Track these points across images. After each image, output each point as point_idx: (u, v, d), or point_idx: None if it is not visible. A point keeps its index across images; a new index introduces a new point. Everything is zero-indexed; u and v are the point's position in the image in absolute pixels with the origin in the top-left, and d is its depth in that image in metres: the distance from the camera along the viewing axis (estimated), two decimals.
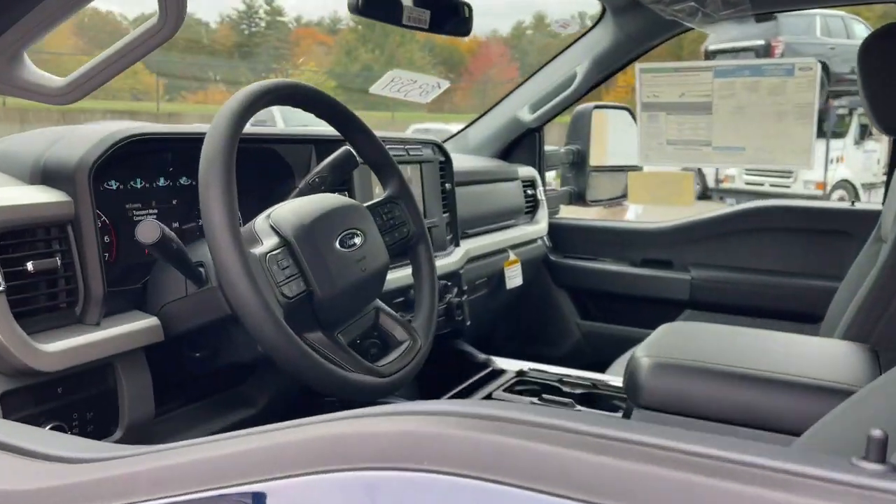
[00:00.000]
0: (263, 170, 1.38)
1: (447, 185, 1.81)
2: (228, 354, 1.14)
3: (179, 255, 0.99)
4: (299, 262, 1.01)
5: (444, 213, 1.79)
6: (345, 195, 1.46)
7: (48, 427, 0.94)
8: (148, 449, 0.57)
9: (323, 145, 1.41)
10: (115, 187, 1.16)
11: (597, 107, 2.59)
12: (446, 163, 1.82)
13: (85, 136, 1.04)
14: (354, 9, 1.44)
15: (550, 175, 2.81)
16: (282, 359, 0.94)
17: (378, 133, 1.30)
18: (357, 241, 1.11)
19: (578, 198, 2.74)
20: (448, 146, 2.50)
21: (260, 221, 1.05)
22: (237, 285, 0.90)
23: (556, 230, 2.47)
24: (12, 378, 0.90)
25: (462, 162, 2.15)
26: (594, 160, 2.64)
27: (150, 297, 1.10)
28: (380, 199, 1.25)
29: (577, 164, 2.67)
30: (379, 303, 1.20)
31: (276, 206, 1.09)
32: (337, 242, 1.08)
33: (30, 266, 0.92)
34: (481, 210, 2.07)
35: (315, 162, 1.40)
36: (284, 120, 8.56)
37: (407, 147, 1.68)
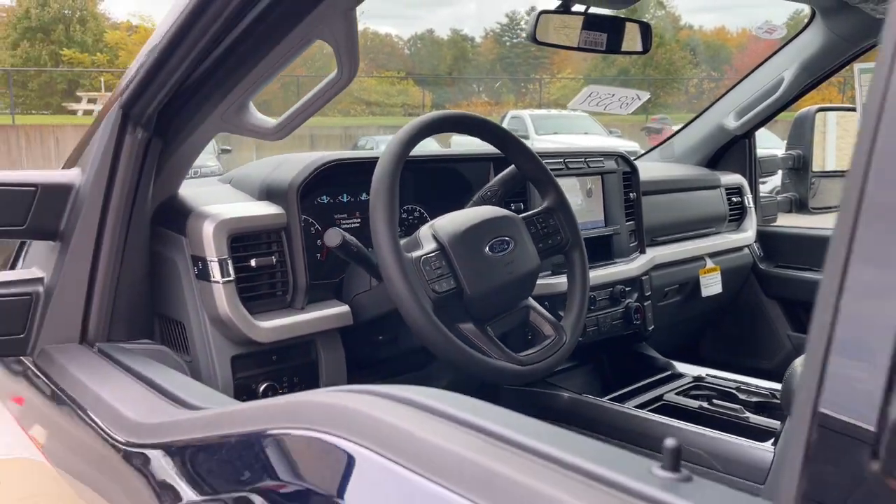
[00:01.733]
0: (447, 184, 1.60)
1: (632, 195, 1.90)
2: (405, 340, 1.37)
3: (361, 256, 1.24)
4: (451, 263, 1.21)
5: (629, 220, 1.88)
6: (521, 205, 1.63)
7: (262, 386, 1.24)
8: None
9: (499, 163, 1.59)
10: (325, 201, 1.45)
11: (820, 109, 2.47)
12: (632, 173, 1.91)
13: (297, 162, 1.34)
14: (531, 38, 1.61)
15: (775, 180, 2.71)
16: (429, 342, 1.15)
17: (562, 148, 1.45)
18: (507, 247, 1.28)
19: (800, 205, 2.62)
20: (654, 155, 2.56)
21: (424, 229, 1.27)
22: (393, 282, 1.12)
23: (767, 238, 2.41)
24: (240, 346, 1.21)
25: (658, 171, 2.20)
26: (817, 165, 2.52)
27: (344, 290, 1.37)
28: (536, 210, 1.41)
29: (798, 169, 2.56)
30: (531, 301, 1.36)
31: (441, 216, 1.30)
32: (487, 248, 1.26)
33: (253, 262, 1.23)
34: (675, 218, 2.11)
35: (492, 177, 1.60)
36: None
37: (587, 160, 1.81)
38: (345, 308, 1.33)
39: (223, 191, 1.37)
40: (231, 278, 1.17)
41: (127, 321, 1.12)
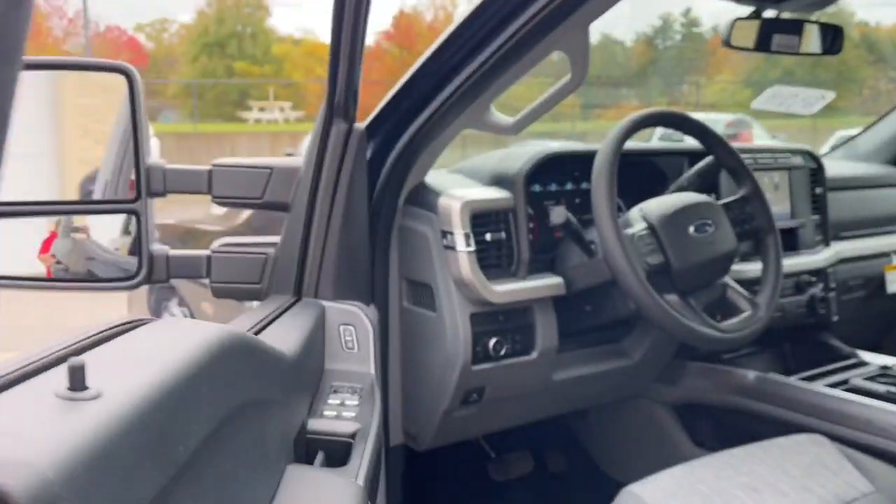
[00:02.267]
0: (645, 176, 1.78)
1: (818, 190, 1.98)
2: (610, 309, 1.56)
3: (577, 234, 1.45)
4: (660, 241, 1.39)
5: (814, 215, 1.97)
6: (711, 195, 1.78)
7: (492, 341, 1.46)
8: None
9: (693, 157, 1.74)
10: (539, 190, 1.66)
11: None
12: (818, 169, 1.99)
13: (521, 154, 1.57)
14: (726, 43, 1.76)
15: None
16: (643, 307, 1.33)
17: (751, 144, 1.59)
18: (709, 229, 1.44)
19: None
20: (837, 153, 2.59)
21: (634, 212, 1.46)
22: (613, 254, 1.32)
23: None
24: (477, 305, 1.45)
25: (844, 168, 2.26)
26: None
27: (557, 264, 1.58)
28: (734, 197, 1.56)
29: None
30: (728, 279, 1.50)
31: (648, 201, 1.48)
32: (692, 228, 1.42)
33: (488, 237, 1.47)
34: (861, 214, 2.16)
35: (686, 170, 1.75)
36: None
37: (776, 156, 1.92)
38: (559, 279, 1.54)
39: (458, 179, 1.62)
40: (472, 249, 1.41)
41: (333, 282, 1.28)
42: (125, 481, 0.45)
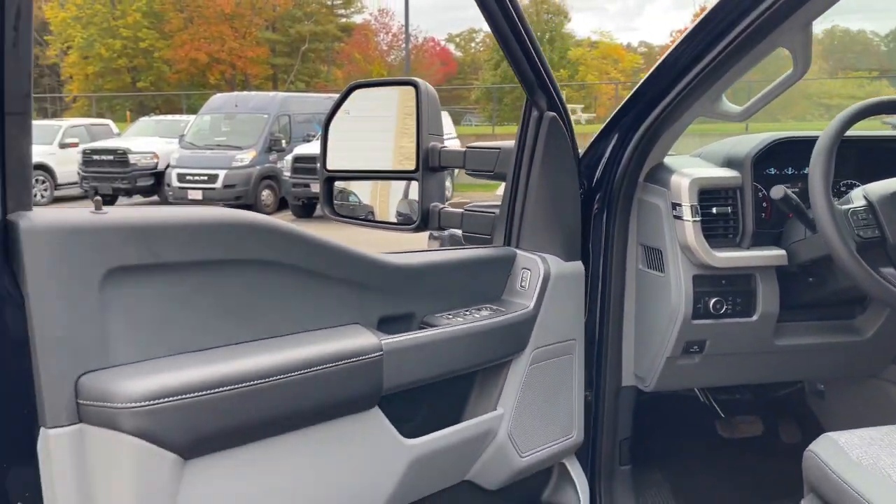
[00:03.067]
0: (886, 162, 1.83)
1: None
2: (832, 282, 1.68)
3: (798, 209, 1.60)
4: (877, 216, 1.49)
5: None
6: None
7: (713, 301, 1.67)
8: None
9: None
10: (773, 172, 1.82)
11: None
12: None
13: (752, 139, 1.74)
14: None
15: None
16: (852, 275, 1.45)
17: None
18: None
19: None
20: None
21: (856, 191, 1.57)
22: (823, 225, 1.46)
23: None
24: (699, 268, 1.66)
25: None
26: None
27: (783, 239, 1.73)
28: None
29: None
30: None
31: (873, 182, 1.58)
32: None
33: (714, 210, 1.68)
34: None
35: None
36: None
37: None
38: (781, 251, 1.69)
39: (695, 161, 1.84)
40: (697, 219, 1.64)
41: (529, 237, 1.55)
42: None
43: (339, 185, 1.77)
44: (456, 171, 1.89)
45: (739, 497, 2.02)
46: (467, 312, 1.37)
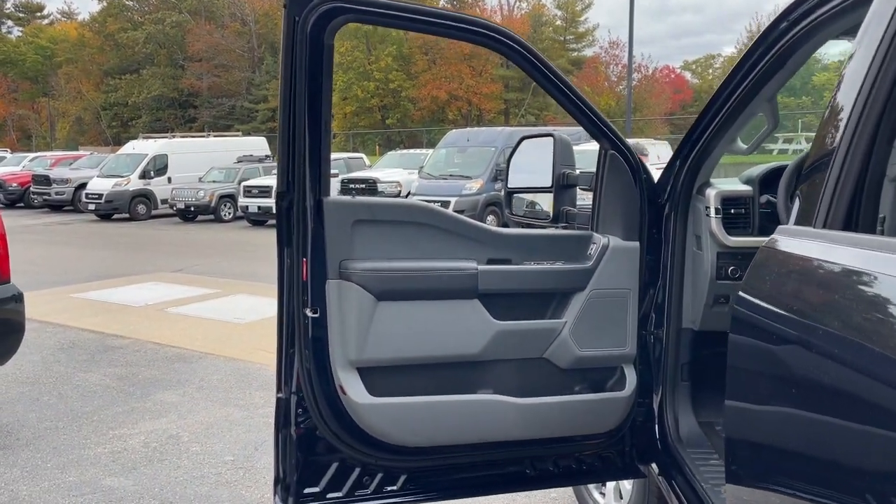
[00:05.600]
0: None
1: None
2: None
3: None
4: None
5: None
6: None
7: (730, 268, 2.52)
8: None
9: None
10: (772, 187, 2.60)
11: None
12: None
13: (760, 168, 2.57)
14: None
15: None
16: None
17: None
18: None
19: None
20: None
21: None
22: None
23: None
24: (720, 247, 2.51)
25: None
26: None
27: None
28: None
29: None
30: None
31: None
32: None
33: (732, 210, 2.53)
34: None
35: None
36: None
37: None
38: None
39: (731, 180, 2.68)
40: (719, 216, 2.46)
41: (600, 224, 2.51)
42: None
43: (528, 197, 2.89)
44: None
45: None
46: (546, 263, 2.39)
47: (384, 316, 2.16)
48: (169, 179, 20.35)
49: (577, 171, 2.63)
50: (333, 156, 22.09)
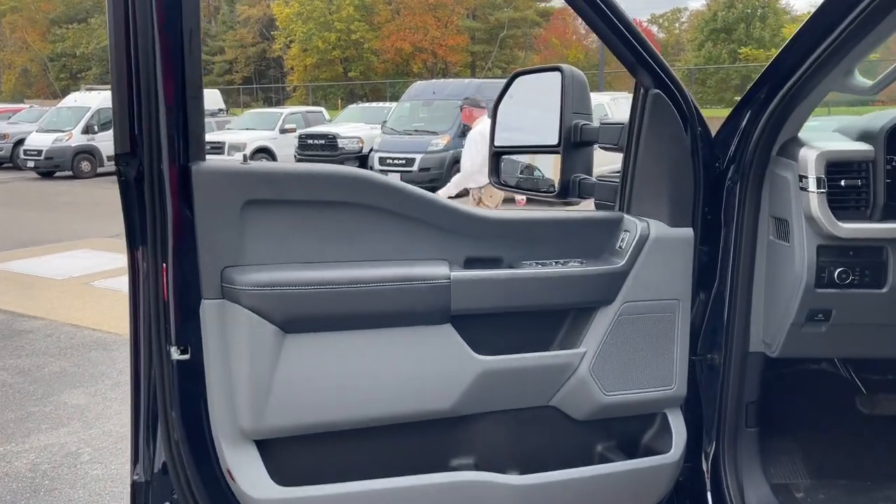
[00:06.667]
0: None
1: None
2: None
3: None
4: None
5: None
6: None
7: (837, 270, 1.74)
8: None
9: None
10: None
11: None
12: None
13: (886, 115, 1.77)
14: None
15: None
16: None
17: None
18: None
19: None
20: None
21: None
22: None
23: None
24: (824, 238, 1.73)
25: None
26: None
27: None
28: None
29: None
30: None
31: None
32: None
33: (843, 182, 1.74)
34: None
35: None
36: None
37: None
38: None
39: (831, 135, 1.90)
40: (823, 191, 1.72)
41: (636, 204, 1.70)
42: None
43: (524, 160, 2.05)
44: None
45: (882, 474, 2.03)
46: (554, 263, 1.59)
47: (297, 357, 1.36)
48: None
49: (597, 123, 1.81)
50: (290, 109, 21.10)
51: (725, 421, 1.78)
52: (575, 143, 1.78)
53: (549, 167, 1.96)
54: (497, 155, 2.01)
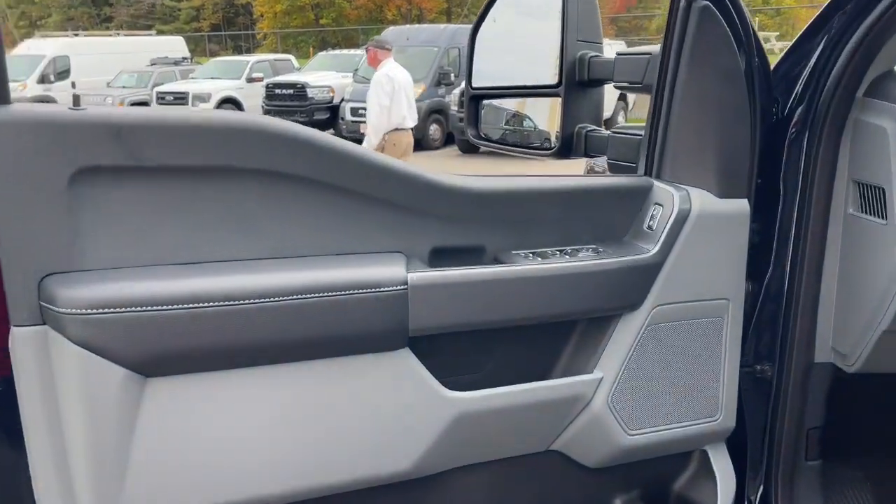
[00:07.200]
0: None
1: None
2: None
3: None
4: None
5: None
6: None
7: None
8: None
9: None
10: None
11: None
12: None
13: None
14: None
15: None
16: None
17: None
18: None
19: None
20: None
21: None
22: None
23: None
24: None
25: None
26: None
27: None
28: None
29: None
30: None
31: None
32: None
33: None
34: None
35: None
36: None
37: None
38: None
39: None
40: None
41: (672, 164, 1.23)
42: None
43: (511, 109, 1.57)
44: (632, 102, 1.62)
45: None
46: (559, 252, 1.13)
47: (166, 415, 0.90)
48: (73, 84, 18.20)
49: (612, 56, 1.34)
50: (257, 57, 20.23)
51: (780, 453, 1.35)
52: (580, 81, 1.32)
53: (545, 115, 1.49)
54: (475, 99, 1.53)
